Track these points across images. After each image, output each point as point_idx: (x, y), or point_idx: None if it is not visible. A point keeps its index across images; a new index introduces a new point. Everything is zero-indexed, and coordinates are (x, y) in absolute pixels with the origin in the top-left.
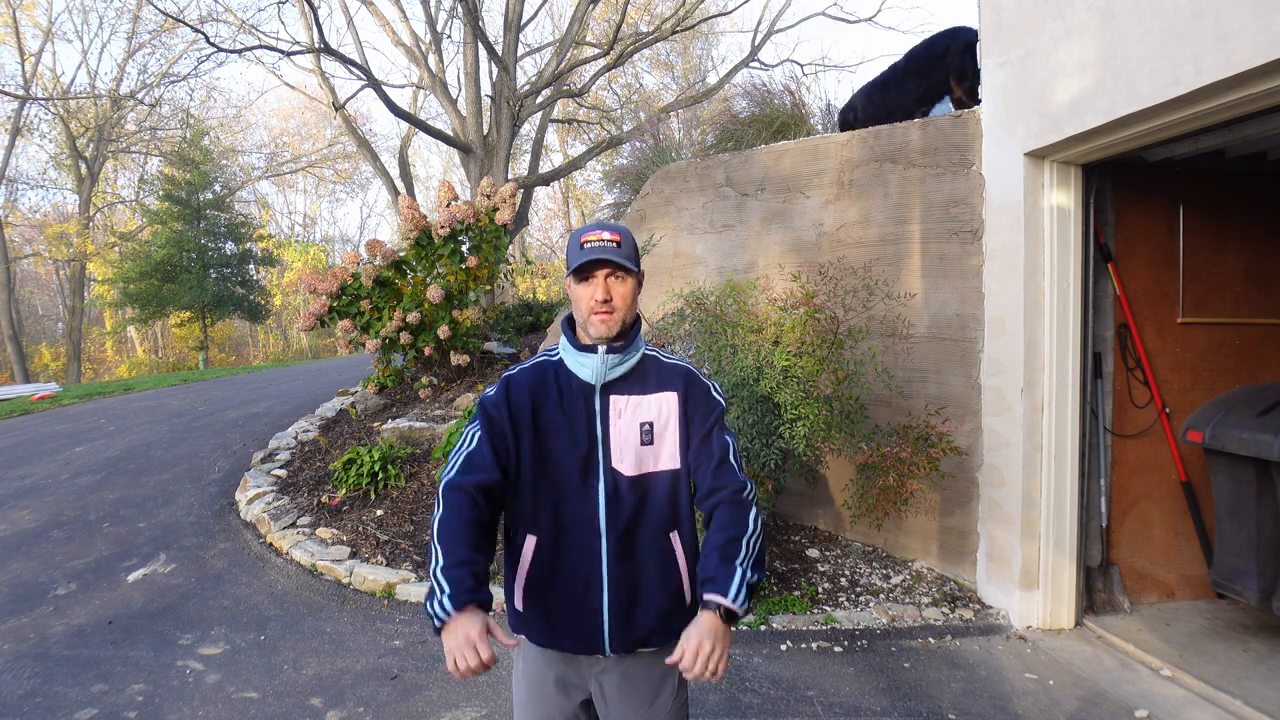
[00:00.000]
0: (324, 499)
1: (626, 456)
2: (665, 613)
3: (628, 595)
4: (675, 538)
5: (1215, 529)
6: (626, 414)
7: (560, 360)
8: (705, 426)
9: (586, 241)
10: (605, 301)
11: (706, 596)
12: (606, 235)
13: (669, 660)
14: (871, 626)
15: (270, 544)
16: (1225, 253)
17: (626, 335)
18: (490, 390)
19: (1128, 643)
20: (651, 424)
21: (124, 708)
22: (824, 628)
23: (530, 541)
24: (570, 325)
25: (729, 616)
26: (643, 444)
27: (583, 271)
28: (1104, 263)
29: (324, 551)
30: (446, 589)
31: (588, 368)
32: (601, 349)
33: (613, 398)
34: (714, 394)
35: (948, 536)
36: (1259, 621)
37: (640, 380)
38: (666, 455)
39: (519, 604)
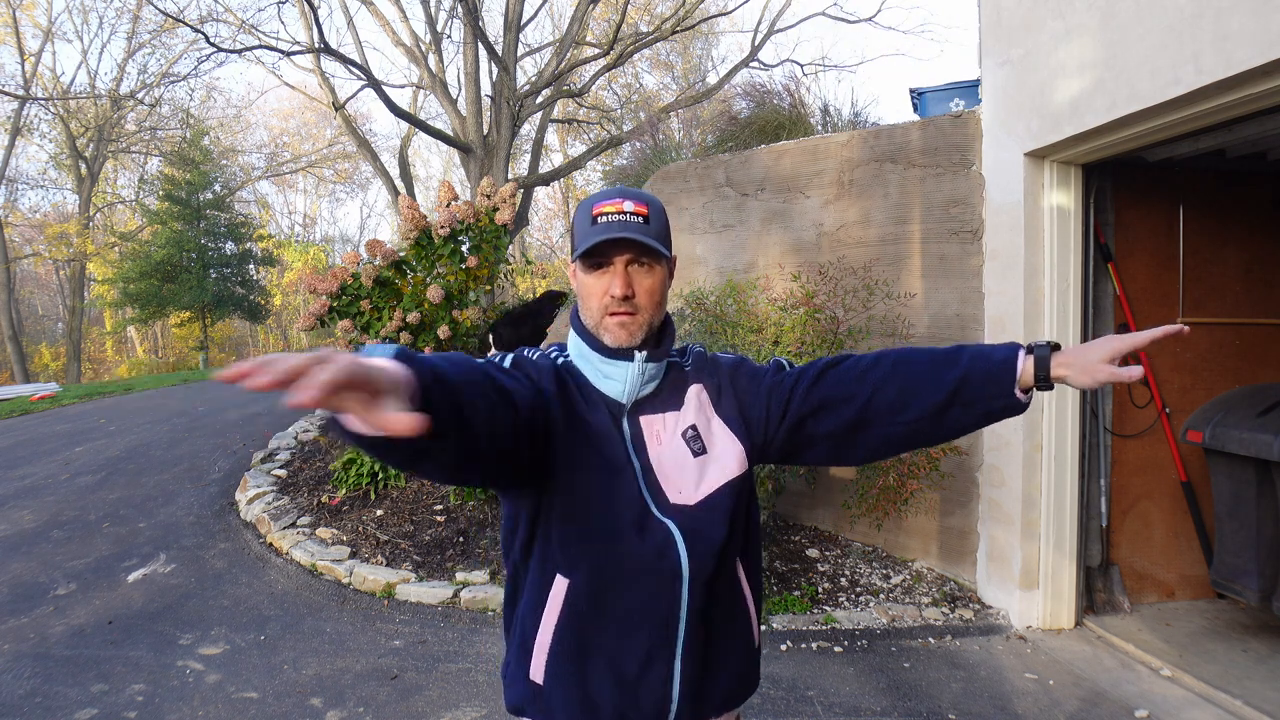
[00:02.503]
0: (324, 499)
1: (685, 482)
2: (741, 674)
3: (703, 661)
4: (740, 567)
5: (1215, 529)
6: (667, 435)
7: (569, 363)
8: (769, 379)
9: (601, 214)
10: (626, 299)
11: (1023, 352)
12: (629, 205)
13: None
14: (871, 626)
15: (270, 544)
16: (1225, 253)
17: (659, 342)
18: (539, 356)
19: (1128, 643)
20: (695, 426)
21: (124, 708)
22: (824, 628)
23: (560, 586)
24: (576, 317)
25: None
26: (695, 455)
27: (594, 256)
28: (1104, 263)
29: (324, 551)
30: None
31: (616, 381)
32: (640, 356)
33: (644, 419)
34: (741, 358)
35: (948, 536)
36: (1259, 621)
37: (673, 391)
38: (730, 458)
39: (536, 674)
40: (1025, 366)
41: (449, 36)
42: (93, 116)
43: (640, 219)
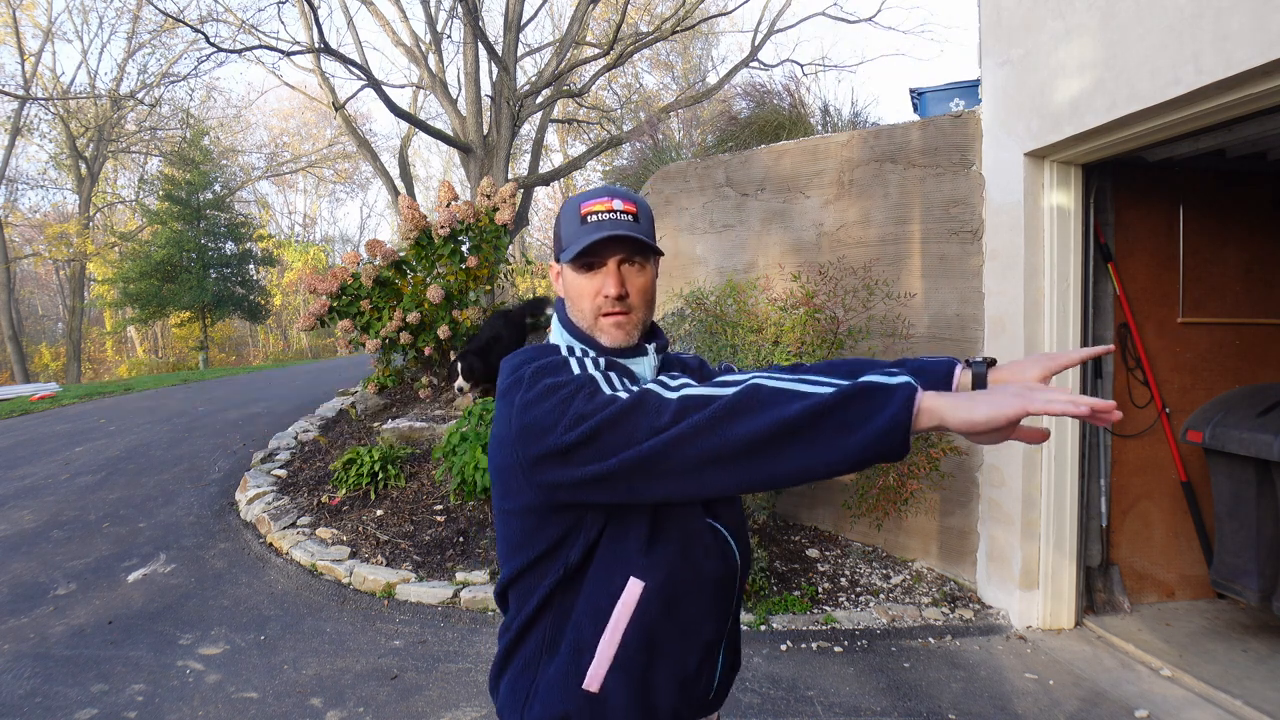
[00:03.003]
0: (324, 499)
1: None
2: (736, 665)
3: (733, 648)
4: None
5: (1215, 529)
6: None
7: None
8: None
9: (591, 213)
10: (621, 298)
11: (955, 368)
12: (619, 204)
13: None
14: (871, 626)
15: (270, 544)
16: (1225, 253)
17: (653, 338)
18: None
19: (1128, 643)
20: None
21: (124, 708)
22: (824, 628)
23: (635, 589)
24: (566, 320)
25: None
26: None
27: (587, 256)
28: (1104, 263)
29: (324, 551)
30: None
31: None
32: (652, 349)
33: None
34: (702, 359)
35: (948, 536)
36: (1259, 621)
37: None
38: None
39: (593, 683)
40: (962, 381)
41: (449, 36)
42: (93, 116)
43: (630, 217)
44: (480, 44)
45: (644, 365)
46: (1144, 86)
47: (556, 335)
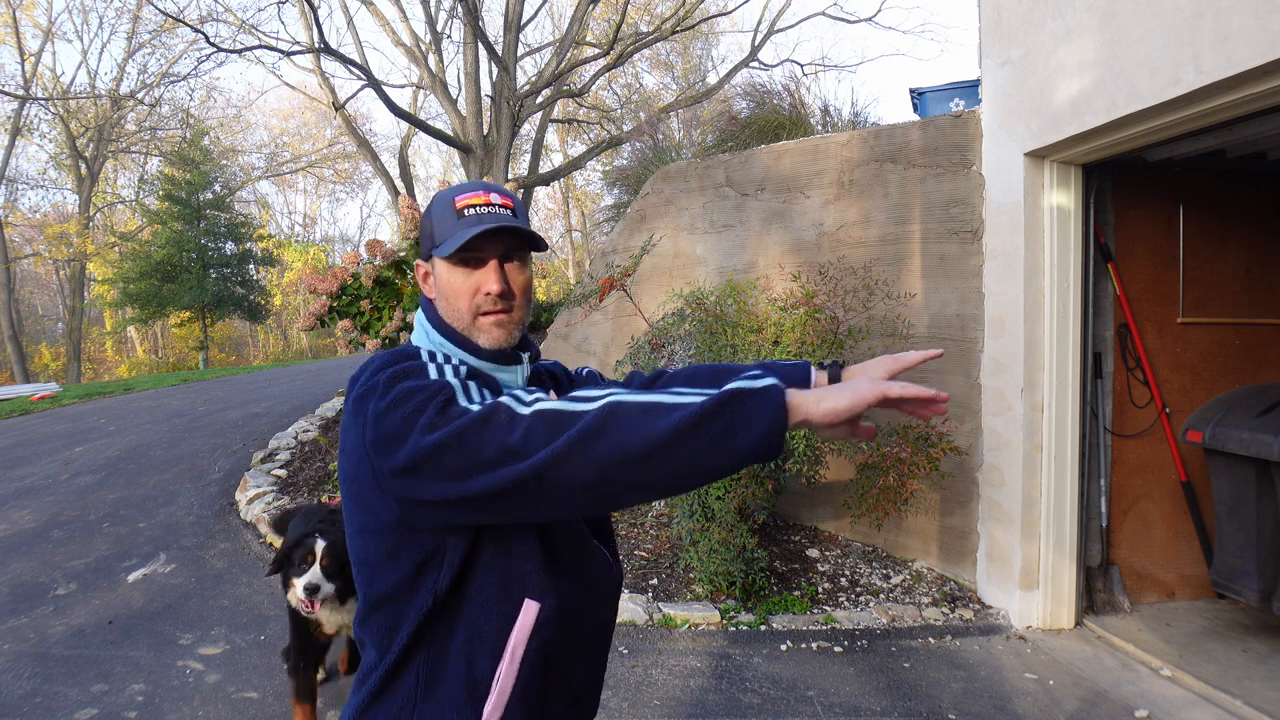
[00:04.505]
0: (324, 499)
1: None
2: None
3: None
4: None
5: (1215, 529)
6: None
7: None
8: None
9: (468, 206)
10: (503, 296)
11: (810, 370)
12: (496, 198)
13: None
14: (871, 626)
15: (270, 544)
16: (1225, 253)
17: (525, 343)
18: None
19: (1128, 643)
20: None
21: (124, 708)
22: (824, 628)
23: (530, 611)
24: (437, 320)
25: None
26: None
27: (468, 251)
28: (1104, 263)
29: None
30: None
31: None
32: (526, 358)
33: None
34: (556, 362)
35: (948, 536)
36: (1259, 621)
37: None
38: None
39: (494, 714)
40: (819, 381)
41: (449, 36)
42: (93, 116)
43: (508, 212)
44: (480, 44)
45: (516, 374)
46: (1144, 86)
47: (419, 338)
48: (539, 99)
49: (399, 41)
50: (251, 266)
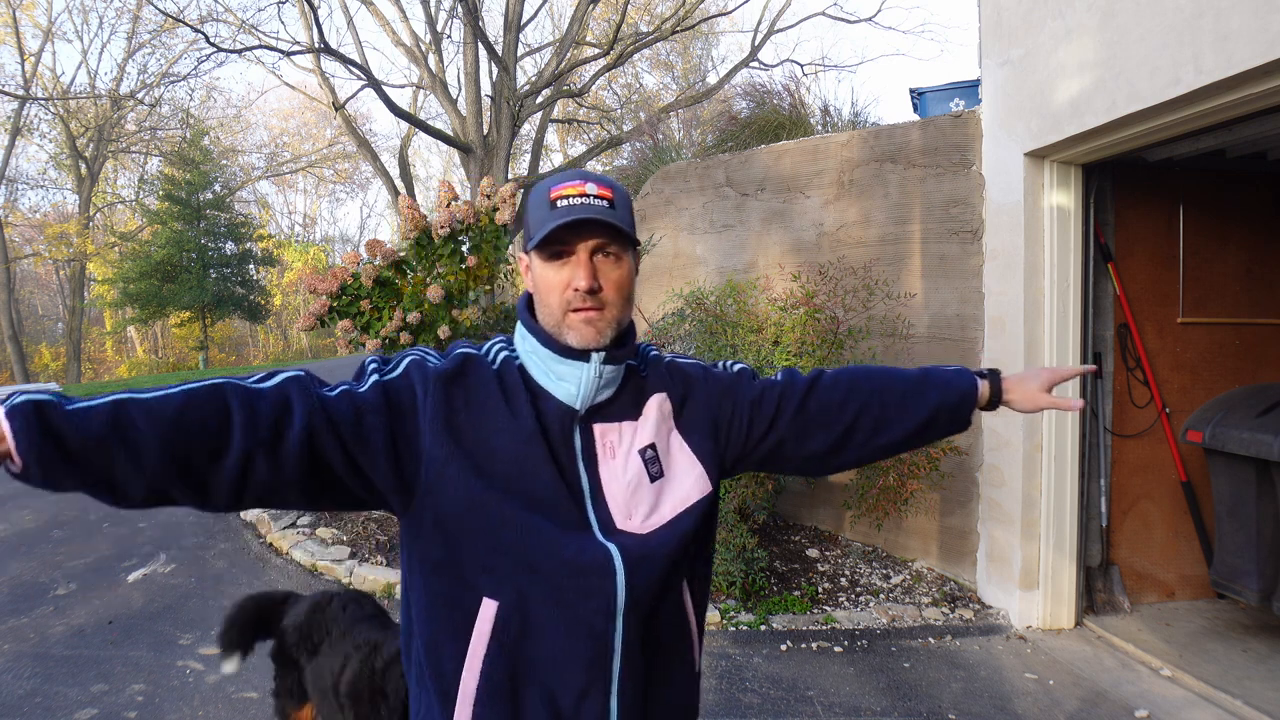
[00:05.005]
0: None
1: (638, 508)
2: (683, 707)
3: (642, 695)
4: (685, 588)
5: (1215, 529)
6: (621, 450)
7: (510, 362)
8: (748, 393)
9: (561, 197)
10: (592, 292)
11: (977, 376)
12: (592, 188)
13: None
14: (871, 626)
15: (270, 544)
16: (1225, 253)
17: (622, 342)
18: (417, 370)
19: (1128, 643)
20: (654, 445)
21: (124, 708)
22: (824, 628)
23: (488, 612)
24: (532, 312)
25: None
26: (653, 479)
27: (554, 244)
28: (1104, 263)
29: (324, 551)
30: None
31: (568, 384)
32: (596, 357)
33: (597, 428)
34: (722, 367)
35: (948, 536)
36: (1259, 621)
37: (632, 398)
38: (691, 481)
39: (462, 717)
40: (983, 394)
41: (449, 36)
42: (93, 116)
43: (605, 203)
44: (480, 44)
45: (579, 369)
46: (1144, 87)
47: (518, 338)
48: (539, 99)
49: (399, 41)
50: (251, 266)
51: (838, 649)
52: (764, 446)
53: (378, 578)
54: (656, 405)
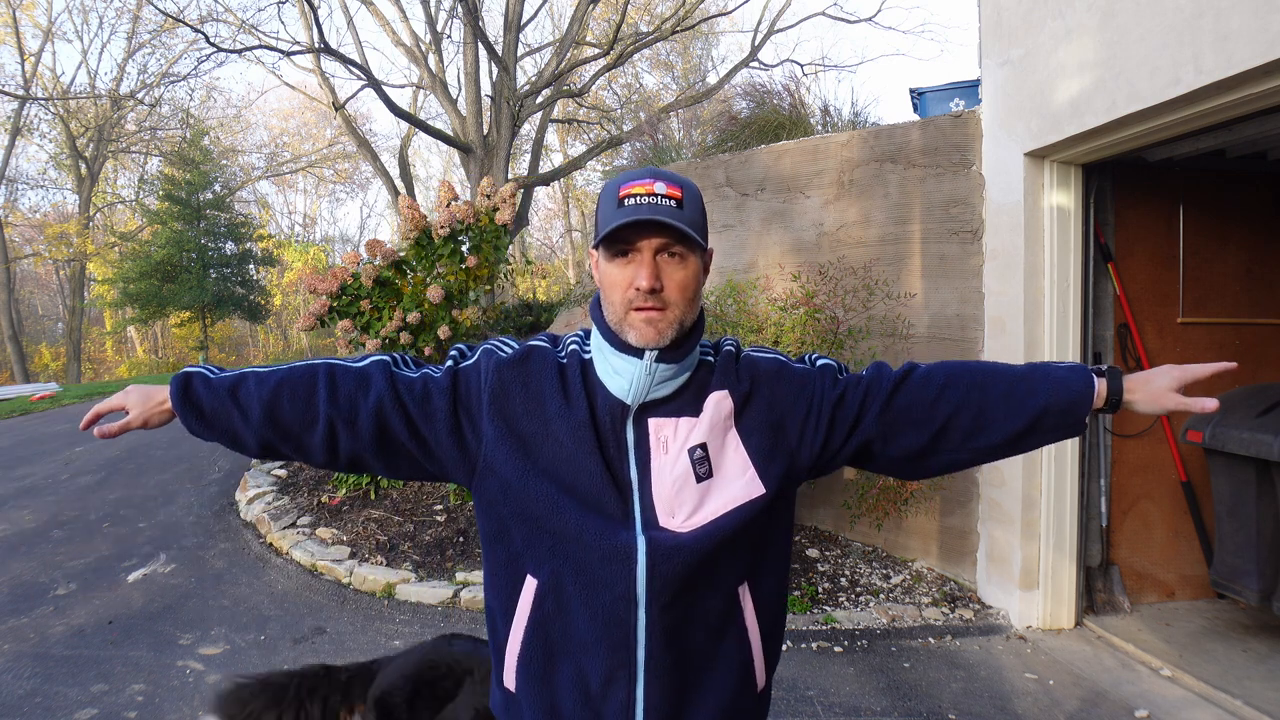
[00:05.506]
0: (324, 499)
1: (680, 507)
2: (729, 711)
3: (677, 693)
4: (746, 593)
5: (1215, 529)
6: (675, 446)
7: (577, 355)
8: (828, 393)
9: (629, 195)
10: (654, 292)
11: (1092, 374)
12: (661, 187)
13: None
14: (871, 626)
15: (270, 544)
16: (1225, 253)
17: (685, 343)
18: (486, 358)
19: (1128, 643)
20: (705, 445)
21: (124, 708)
22: (824, 628)
23: (530, 586)
24: (597, 313)
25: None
26: (699, 480)
27: (618, 242)
28: (1104, 263)
29: (324, 551)
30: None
31: (622, 379)
32: (650, 355)
33: (653, 422)
34: (807, 361)
35: (948, 536)
36: (1259, 621)
37: (694, 395)
38: (741, 484)
39: (509, 680)
40: (1100, 394)
41: (449, 36)
42: (93, 116)
43: (673, 202)
44: (480, 44)
45: (632, 367)
46: (1144, 86)
47: (592, 333)
48: (539, 99)
49: (399, 41)
50: (251, 266)
51: (838, 649)
52: (848, 447)
53: (378, 578)
54: (715, 403)
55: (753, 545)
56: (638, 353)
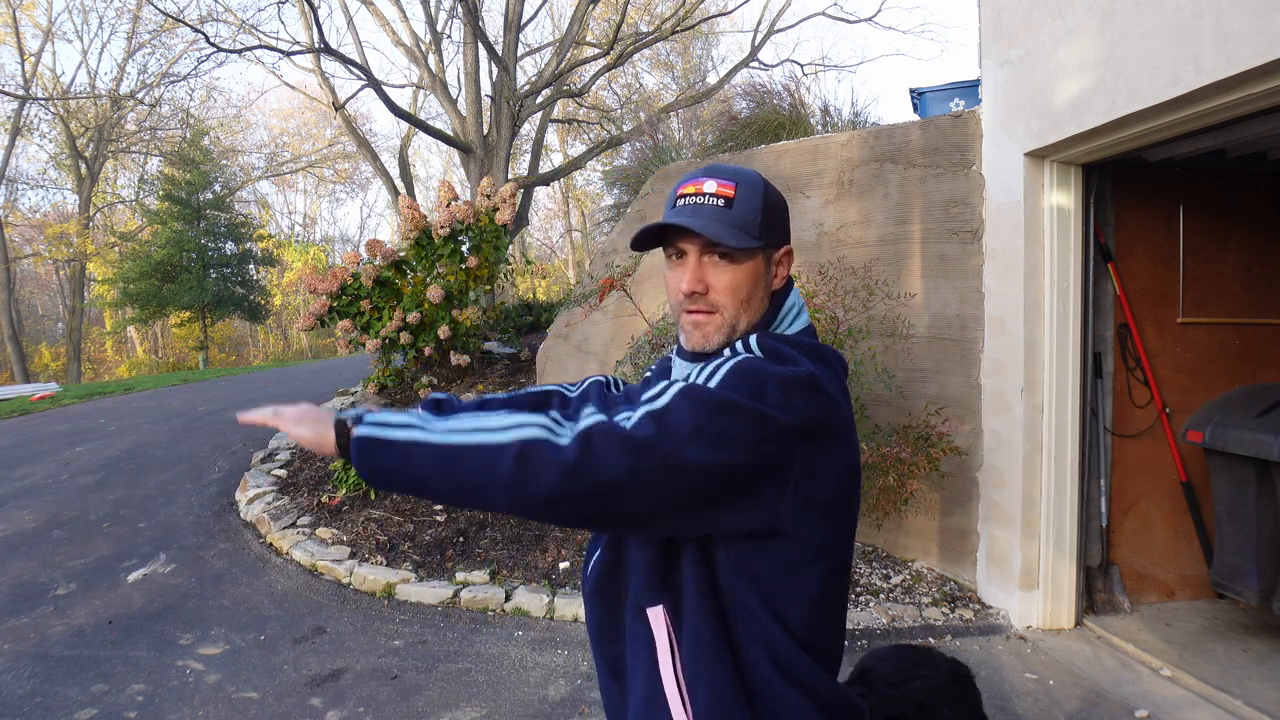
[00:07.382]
0: (324, 499)
1: None
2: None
3: (619, 694)
4: (658, 617)
5: (1215, 529)
6: None
7: (668, 357)
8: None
9: (682, 196)
10: (695, 294)
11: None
12: (711, 185)
13: None
14: (871, 626)
15: (270, 544)
16: (1225, 253)
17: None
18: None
19: (1128, 643)
20: None
21: (124, 708)
22: None
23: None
24: None
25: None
26: None
27: (667, 246)
28: (1104, 263)
29: (324, 551)
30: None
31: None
32: (678, 353)
33: None
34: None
35: (948, 536)
36: (1259, 621)
37: None
38: None
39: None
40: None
41: (449, 36)
42: (93, 116)
43: (720, 202)
44: (480, 44)
45: (691, 370)
46: (1144, 86)
47: None
48: (539, 99)
49: (399, 41)
50: (251, 266)
51: None
52: None
53: (378, 578)
54: None
55: (664, 560)
56: (690, 356)
